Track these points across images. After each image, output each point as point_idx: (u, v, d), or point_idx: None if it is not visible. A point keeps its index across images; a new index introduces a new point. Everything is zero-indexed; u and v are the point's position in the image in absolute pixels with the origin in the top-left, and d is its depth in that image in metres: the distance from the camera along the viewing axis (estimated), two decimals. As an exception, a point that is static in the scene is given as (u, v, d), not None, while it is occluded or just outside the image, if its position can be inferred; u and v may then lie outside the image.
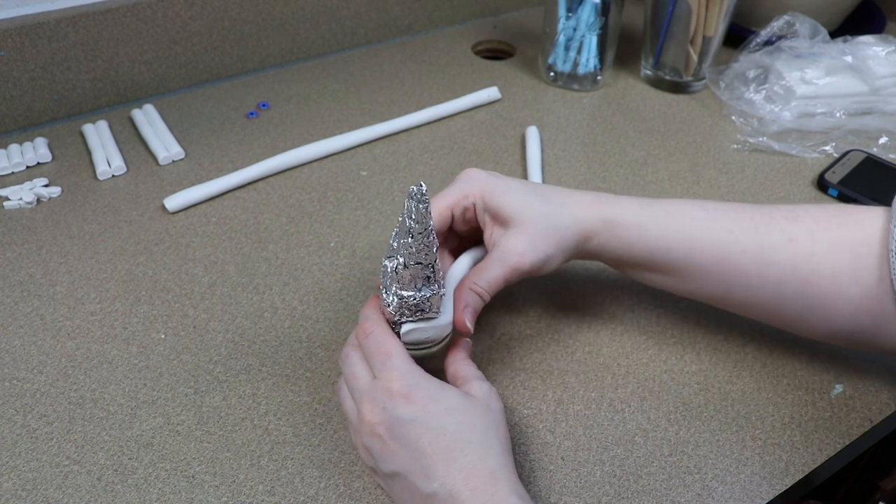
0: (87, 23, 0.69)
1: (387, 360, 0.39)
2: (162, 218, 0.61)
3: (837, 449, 0.45)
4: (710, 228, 0.44)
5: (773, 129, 0.72)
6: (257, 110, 0.75)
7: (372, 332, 0.40)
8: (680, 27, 0.75)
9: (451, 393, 0.39)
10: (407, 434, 0.37)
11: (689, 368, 0.49)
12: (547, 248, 0.43)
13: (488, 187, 0.44)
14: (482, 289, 0.43)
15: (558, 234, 0.43)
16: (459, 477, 0.35)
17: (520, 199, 0.44)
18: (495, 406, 0.40)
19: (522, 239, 0.43)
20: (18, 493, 0.42)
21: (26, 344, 0.50)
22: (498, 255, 0.43)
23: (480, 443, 0.37)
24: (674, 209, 0.45)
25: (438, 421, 0.37)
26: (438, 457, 0.36)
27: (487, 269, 0.43)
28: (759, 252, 0.42)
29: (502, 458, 0.37)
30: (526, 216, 0.43)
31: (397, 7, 0.87)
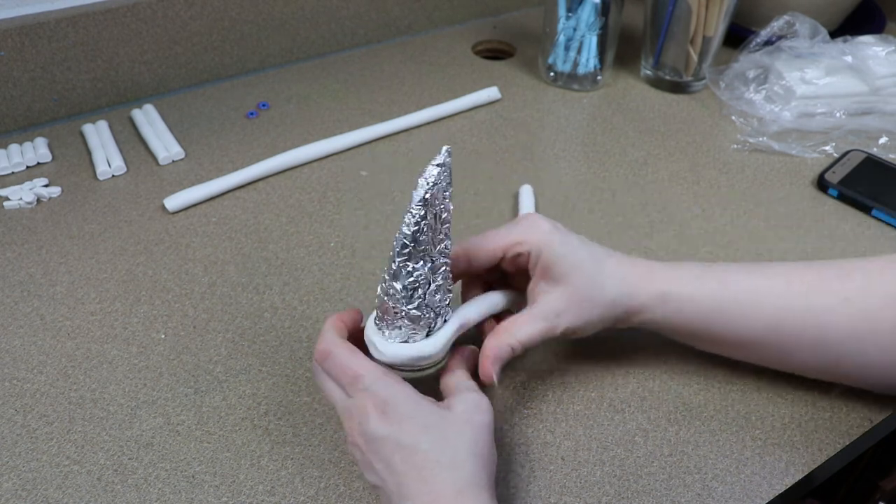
0: (87, 23, 0.69)
1: (356, 381, 0.38)
2: (162, 218, 0.61)
3: (837, 449, 0.45)
4: (764, 296, 0.43)
5: (773, 129, 0.72)
6: (257, 110, 0.75)
7: (331, 353, 0.40)
8: (680, 27, 0.75)
9: (428, 409, 0.38)
10: (381, 450, 0.37)
11: (689, 368, 0.49)
12: (588, 316, 0.43)
13: (547, 240, 0.43)
14: (518, 342, 0.42)
15: (604, 306, 0.43)
16: (430, 495, 0.35)
17: (575, 258, 0.43)
18: (478, 420, 0.39)
19: (564, 299, 0.42)
20: (18, 493, 0.42)
21: (26, 344, 0.50)
22: (538, 311, 0.43)
23: (449, 462, 0.36)
24: (727, 277, 0.44)
25: (411, 438, 0.37)
26: (410, 474, 0.36)
27: (526, 324, 0.42)
28: (815, 317, 0.42)
29: (473, 478, 0.36)
30: (576, 278, 0.42)
31: (397, 7, 0.87)
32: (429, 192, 0.37)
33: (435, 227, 0.38)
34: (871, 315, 0.41)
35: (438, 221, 0.38)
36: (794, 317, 0.42)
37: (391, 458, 0.36)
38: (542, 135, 0.73)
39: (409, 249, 0.38)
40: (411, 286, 0.39)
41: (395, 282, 0.39)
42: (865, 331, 0.41)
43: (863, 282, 0.42)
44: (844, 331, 0.42)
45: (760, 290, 0.43)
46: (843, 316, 0.42)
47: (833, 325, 0.42)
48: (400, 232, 0.38)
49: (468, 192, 0.65)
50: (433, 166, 0.37)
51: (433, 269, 0.39)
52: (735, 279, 0.44)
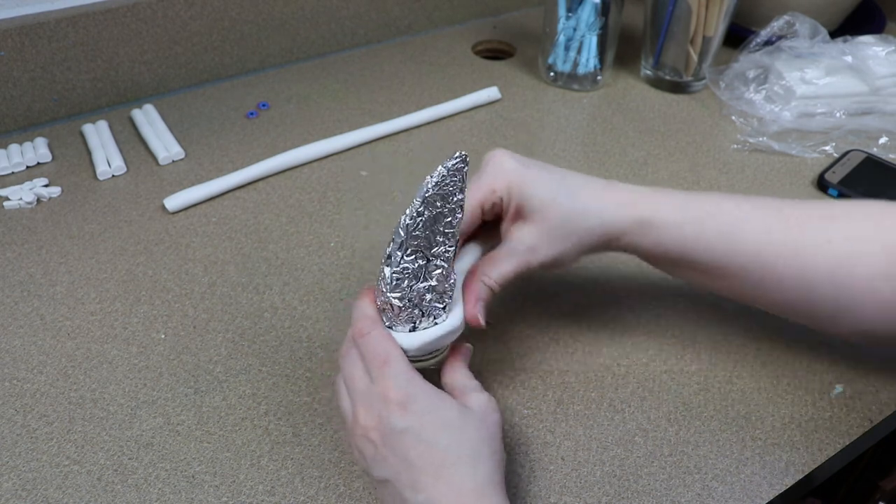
0: (87, 23, 0.69)
1: (384, 366, 0.38)
2: (162, 218, 0.61)
3: (837, 449, 0.45)
4: (748, 231, 0.43)
5: (773, 129, 0.72)
6: (257, 110, 0.75)
7: (368, 333, 0.39)
8: (680, 27, 0.75)
9: (448, 405, 0.38)
10: (398, 444, 0.36)
11: (689, 368, 0.49)
12: (562, 247, 0.42)
13: (517, 180, 0.42)
14: (494, 281, 0.42)
15: (579, 235, 0.42)
16: (445, 492, 0.35)
17: (546, 193, 0.42)
18: (492, 419, 0.39)
19: (537, 234, 0.42)
20: (18, 493, 0.42)
21: (26, 344, 0.50)
22: (509, 247, 0.42)
23: (471, 459, 0.36)
24: (712, 208, 0.43)
25: (431, 434, 0.36)
26: (427, 470, 0.36)
27: (498, 261, 0.42)
28: (796, 255, 0.42)
29: (492, 476, 0.37)
30: (548, 213, 0.42)
31: (397, 7, 0.87)
32: (430, 191, 0.37)
33: (434, 227, 0.38)
34: (850, 261, 0.41)
35: (440, 223, 0.38)
36: (776, 251, 0.42)
37: (408, 452, 0.36)
38: (542, 135, 0.73)
39: (401, 240, 0.38)
40: (397, 275, 0.39)
41: (385, 266, 0.39)
42: (843, 275, 0.41)
43: (846, 227, 0.42)
44: (823, 273, 0.41)
45: (745, 221, 0.43)
46: (822, 258, 0.41)
47: (812, 266, 0.42)
48: (399, 221, 0.38)
49: (468, 192, 0.65)
50: (442, 167, 0.37)
51: (426, 268, 0.39)
52: (719, 209, 0.43)
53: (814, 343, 0.51)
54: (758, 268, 0.43)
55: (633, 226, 0.43)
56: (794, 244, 0.42)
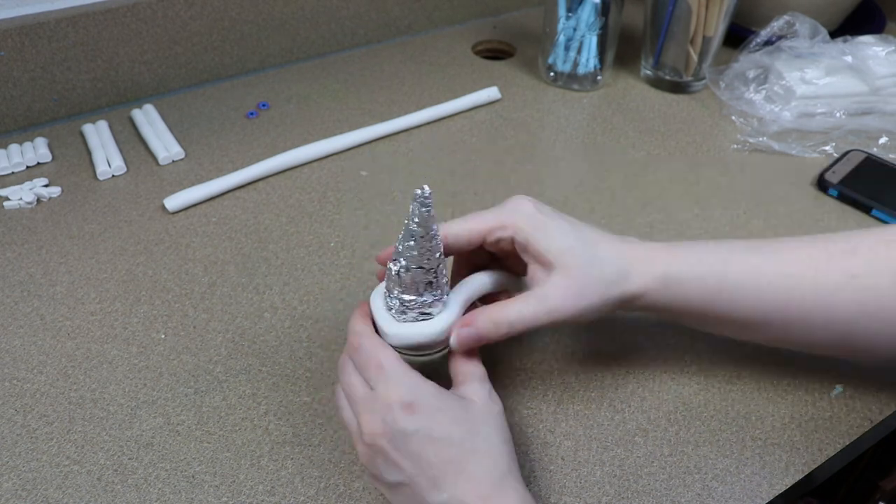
0: (87, 23, 0.69)
1: (380, 372, 0.38)
2: (162, 218, 0.61)
3: (837, 449, 0.45)
4: (769, 275, 0.42)
5: (773, 129, 0.72)
6: (257, 110, 0.75)
7: (360, 344, 0.39)
8: (680, 27, 0.75)
9: (452, 400, 0.38)
10: (411, 446, 0.36)
11: (689, 368, 0.49)
12: (590, 299, 0.41)
13: (532, 225, 0.41)
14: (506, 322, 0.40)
15: (604, 288, 0.41)
16: (468, 487, 0.35)
17: (565, 242, 0.41)
18: (496, 409, 0.39)
19: (565, 286, 0.41)
20: (18, 493, 0.42)
21: (26, 344, 0.50)
22: (539, 294, 0.41)
23: (486, 450, 0.37)
24: (731, 257, 0.43)
25: (443, 431, 0.36)
26: (446, 467, 0.36)
27: (520, 305, 0.41)
28: (822, 295, 0.41)
29: (508, 464, 0.37)
30: (570, 262, 0.41)
31: (397, 7, 0.87)
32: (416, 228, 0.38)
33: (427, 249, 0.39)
34: (880, 292, 0.40)
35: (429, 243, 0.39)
36: (801, 296, 0.41)
37: (422, 452, 0.36)
38: (542, 135, 0.73)
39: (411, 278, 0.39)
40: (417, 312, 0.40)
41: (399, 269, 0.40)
42: (874, 308, 0.41)
43: (869, 257, 0.41)
44: (852, 308, 0.41)
45: (765, 270, 0.42)
46: (850, 293, 0.41)
47: (841, 304, 0.41)
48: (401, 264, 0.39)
49: (468, 192, 0.65)
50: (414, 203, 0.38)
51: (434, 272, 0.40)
52: (738, 259, 0.43)
53: (814, 343, 0.51)
54: (784, 314, 0.42)
55: (655, 282, 0.42)
56: (817, 285, 0.41)
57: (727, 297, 0.42)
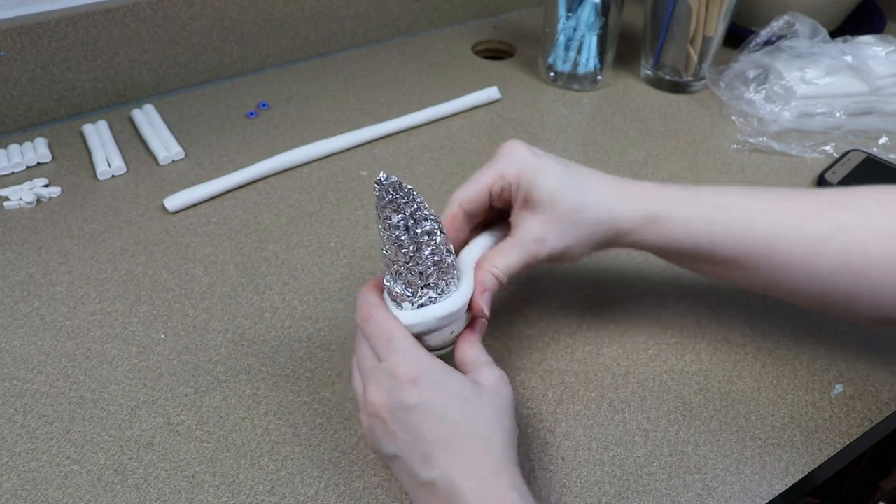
0: (87, 23, 0.69)
1: (389, 343, 0.38)
2: (162, 218, 0.61)
3: (837, 449, 0.45)
4: (759, 221, 0.42)
5: (773, 129, 0.72)
6: (257, 110, 0.75)
7: (371, 316, 0.39)
8: (680, 27, 0.75)
9: (459, 380, 0.38)
10: (409, 419, 0.36)
11: (689, 368, 0.49)
12: (570, 239, 0.42)
13: (527, 169, 0.42)
14: (501, 272, 0.42)
15: (587, 228, 0.42)
16: (460, 467, 0.35)
17: (556, 184, 0.42)
18: (504, 393, 0.39)
19: (545, 226, 0.42)
20: (18, 493, 0.42)
21: (26, 344, 0.50)
22: (517, 238, 0.42)
23: (485, 434, 0.36)
24: (723, 200, 0.43)
25: (443, 408, 0.36)
26: (440, 444, 0.36)
27: (506, 253, 0.42)
28: (809, 245, 0.41)
29: (505, 451, 0.37)
30: (558, 204, 0.42)
31: (397, 7, 0.87)
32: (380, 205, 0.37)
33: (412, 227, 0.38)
34: (865, 247, 0.41)
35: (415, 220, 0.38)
36: (788, 243, 0.42)
37: (419, 427, 0.36)
38: (542, 135, 0.73)
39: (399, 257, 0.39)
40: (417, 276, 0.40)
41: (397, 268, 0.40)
42: (858, 263, 0.41)
43: (859, 213, 0.42)
44: (837, 261, 0.41)
45: (755, 215, 0.42)
46: (836, 245, 0.41)
47: (826, 255, 0.41)
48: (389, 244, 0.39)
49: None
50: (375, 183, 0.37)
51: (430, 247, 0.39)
52: (730, 203, 0.43)
53: (814, 343, 0.51)
54: (770, 259, 0.42)
55: (644, 221, 0.43)
56: (806, 235, 0.42)
57: (715, 238, 0.42)
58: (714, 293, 0.55)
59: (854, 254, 0.41)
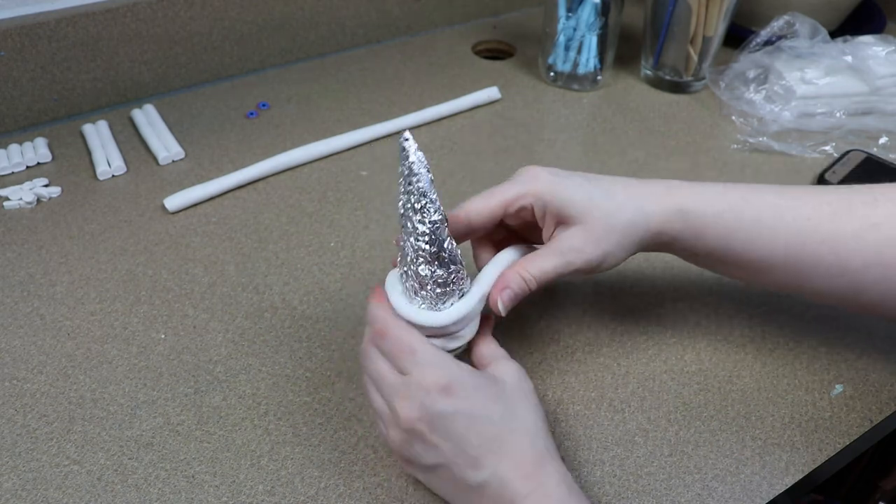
0: (87, 23, 0.69)
1: (412, 356, 0.38)
2: (162, 218, 0.61)
3: (837, 449, 0.45)
4: (788, 218, 0.42)
5: (773, 128, 0.72)
6: (257, 110, 0.75)
7: (387, 331, 0.39)
8: (680, 27, 0.75)
9: (486, 380, 0.38)
10: (451, 427, 0.36)
11: (689, 368, 0.49)
12: (607, 246, 0.42)
13: (551, 189, 0.42)
14: (531, 276, 0.41)
15: (621, 232, 0.42)
16: (509, 465, 0.36)
17: (583, 197, 0.42)
18: (527, 387, 0.40)
19: (581, 235, 0.42)
20: (18, 493, 0.42)
21: (26, 344, 0.50)
22: (554, 247, 0.42)
23: (525, 428, 0.37)
24: (751, 195, 0.43)
25: (483, 410, 0.37)
26: (487, 447, 0.36)
27: (541, 259, 0.42)
28: (839, 241, 0.41)
29: (546, 442, 0.37)
30: (589, 213, 0.42)
31: (397, 7, 0.87)
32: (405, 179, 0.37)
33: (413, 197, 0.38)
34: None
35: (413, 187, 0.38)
36: (819, 240, 0.41)
37: (464, 433, 0.36)
38: (542, 135, 0.73)
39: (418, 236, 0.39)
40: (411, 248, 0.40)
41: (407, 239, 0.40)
42: (891, 257, 0.40)
43: (890, 208, 0.41)
44: (869, 258, 0.41)
45: (784, 212, 0.42)
46: (868, 242, 0.41)
47: (857, 251, 0.41)
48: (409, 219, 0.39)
49: (468, 192, 0.64)
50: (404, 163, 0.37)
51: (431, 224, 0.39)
52: (758, 198, 0.43)
53: (814, 343, 0.51)
54: (799, 258, 0.42)
55: (674, 216, 0.42)
56: (836, 230, 0.41)
57: (744, 235, 0.42)
58: (714, 293, 0.55)
59: (886, 250, 0.40)
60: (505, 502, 0.36)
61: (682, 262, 0.47)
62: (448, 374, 0.37)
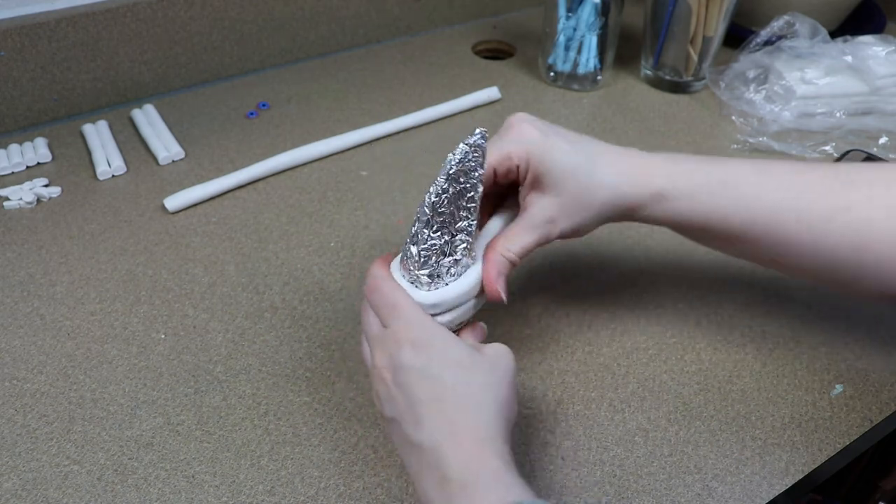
0: (87, 23, 0.69)
1: (393, 311, 0.39)
2: (162, 218, 0.61)
3: (837, 449, 0.45)
4: (765, 197, 0.42)
5: (774, 128, 0.72)
6: (257, 110, 0.75)
7: (378, 287, 0.40)
8: (680, 27, 0.75)
9: (459, 346, 0.38)
10: (406, 380, 0.37)
11: (689, 368, 0.49)
12: (581, 218, 0.43)
13: (536, 150, 0.42)
14: (513, 253, 0.42)
15: (596, 209, 0.43)
16: (447, 431, 0.35)
17: (564, 166, 0.42)
18: (504, 364, 0.39)
19: (556, 206, 0.42)
20: (18, 493, 0.42)
21: (26, 344, 0.50)
22: (529, 220, 0.42)
23: (476, 401, 0.36)
24: (728, 177, 0.43)
25: (437, 370, 0.37)
26: (431, 407, 0.36)
27: (518, 235, 0.42)
28: (815, 222, 0.41)
29: (495, 420, 0.36)
30: (567, 185, 0.42)
31: (397, 7, 0.87)
32: (454, 168, 0.38)
33: (458, 203, 0.39)
34: (871, 225, 0.41)
35: (463, 199, 0.39)
36: (794, 219, 0.42)
37: (414, 387, 0.36)
38: (542, 135, 0.73)
39: (427, 218, 0.38)
40: (425, 253, 0.39)
41: (412, 245, 0.39)
42: (864, 240, 0.41)
43: (866, 191, 0.41)
44: (843, 238, 0.41)
45: (761, 189, 0.43)
46: (841, 224, 0.41)
47: (830, 232, 0.41)
48: (423, 200, 0.39)
49: (468, 192, 0.65)
50: (463, 144, 0.38)
51: (451, 243, 0.39)
52: (735, 177, 0.43)
53: (814, 343, 0.51)
54: (776, 236, 0.42)
55: (650, 198, 0.43)
56: (812, 211, 0.42)
57: (721, 214, 0.43)
58: (714, 293, 0.55)
59: (860, 230, 0.41)
60: (437, 468, 0.35)
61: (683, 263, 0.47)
62: (420, 330, 0.38)
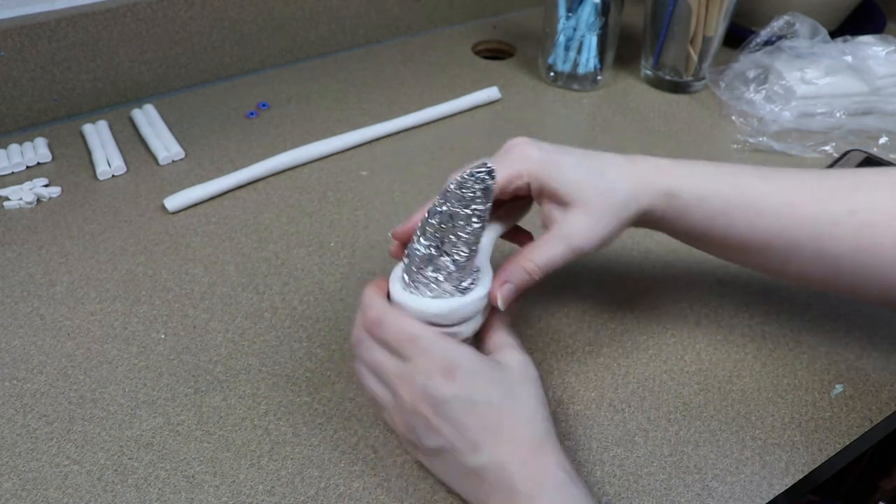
0: (87, 23, 0.69)
1: (413, 343, 0.38)
2: (162, 218, 0.61)
3: (837, 449, 0.45)
4: (773, 204, 0.43)
5: (773, 128, 0.72)
6: (257, 110, 0.75)
7: (383, 320, 0.39)
8: (680, 27, 0.75)
9: (489, 364, 0.38)
10: (451, 411, 0.36)
11: (689, 368, 0.49)
12: (608, 226, 0.42)
13: (544, 168, 0.42)
14: (537, 267, 0.41)
15: (616, 213, 0.42)
16: (507, 449, 0.36)
17: (578, 177, 0.42)
18: (532, 374, 0.40)
19: (584, 219, 0.42)
20: (18, 493, 0.42)
21: (26, 344, 0.50)
22: (560, 233, 0.42)
23: (525, 414, 0.37)
24: (738, 181, 0.43)
25: (483, 394, 0.37)
26: (486, 431, 0.36)
27: (547, 247, 0.42)
28: (818, 227, 0.42)
29: (547, 429, 0.38)
30: (585, 195, 0.42)
31: (397, 7, 0.87)
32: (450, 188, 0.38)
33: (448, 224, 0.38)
34: (875, 229, 0.41)
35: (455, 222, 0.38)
36: (798, 225, 0.42)
37: (463, 417, 0.36)
38: (542, 135, 0.73)
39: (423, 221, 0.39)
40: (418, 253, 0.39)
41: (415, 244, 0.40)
42: (868, 244, 0.41)
43: (870, 195, 0.42)
44: (847, 243, 0.41)
45: (768, 197, 0.43)
46: (846, 228, 0.41)
47: (836, 237, 0.41)
48: None
49: (468, 192, 0.65)
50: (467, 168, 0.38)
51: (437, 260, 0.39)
52: (744, 183, 0.43)
53: (814, 343, 0.51)
54: (781, 242, 0.43)
55: (661, 198, 0.43)
56: (816, 217, 0.42)
57: (726, 219, 0.43)
58: (714, 293, 0.55)
59: (864, 235, 0.41)
60: (503, 486, 0.36)
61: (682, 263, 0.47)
62: (450, 358, 0.37)
